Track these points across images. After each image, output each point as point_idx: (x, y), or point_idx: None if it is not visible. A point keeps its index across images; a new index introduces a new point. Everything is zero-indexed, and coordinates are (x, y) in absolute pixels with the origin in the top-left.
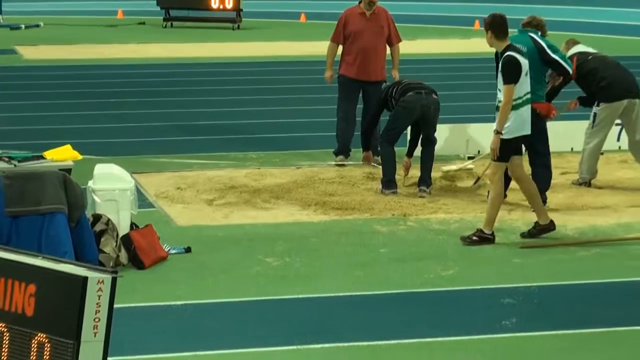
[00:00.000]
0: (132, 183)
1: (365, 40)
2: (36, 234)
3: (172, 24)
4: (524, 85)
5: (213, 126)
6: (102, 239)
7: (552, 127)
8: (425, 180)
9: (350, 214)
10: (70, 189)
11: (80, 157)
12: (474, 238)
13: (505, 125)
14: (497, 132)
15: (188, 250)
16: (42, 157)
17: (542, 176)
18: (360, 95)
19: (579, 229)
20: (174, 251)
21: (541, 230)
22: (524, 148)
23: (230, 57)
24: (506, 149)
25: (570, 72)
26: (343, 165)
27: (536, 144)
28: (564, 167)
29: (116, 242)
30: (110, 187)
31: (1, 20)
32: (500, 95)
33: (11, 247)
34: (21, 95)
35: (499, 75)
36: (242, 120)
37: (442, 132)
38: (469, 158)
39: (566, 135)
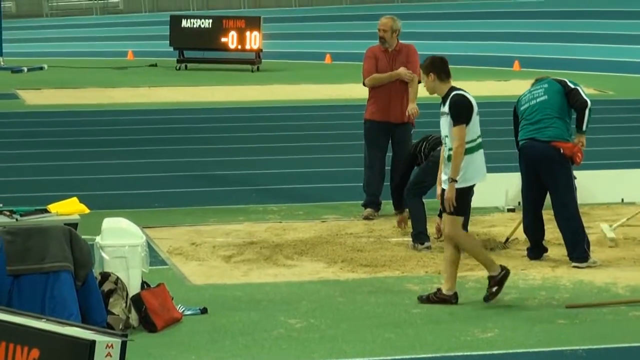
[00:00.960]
0: (143, 238)
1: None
2: (40, 294)
3: (186, 66)
4: (476, 127)
5: (230, 176)
6: (111, 299)
7: (598, 176)
8: None
9: (380, 271)
10: (76, 245)
11: (87, 210)
12: (494, 289)
13: (460, 174)
14: (452, 180)
15: (204, 311)
16: (46, 211)
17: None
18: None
19: (630, 287)
20: (188, 312)
21: (442, 298)
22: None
23: (249, 102)
24: (465, 198)
25: (589, 102)
26: (372, 218)
27: (560, 193)
28: (613, 219)
29: (126, 302)
30: (120, 242)
31: (2, 63)
32: (450, 142)
33: (13, 308)
34: (23, 143)
35: (447, 119)
36: (261, 169)
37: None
38: (509, 210)
39: (615, 185)
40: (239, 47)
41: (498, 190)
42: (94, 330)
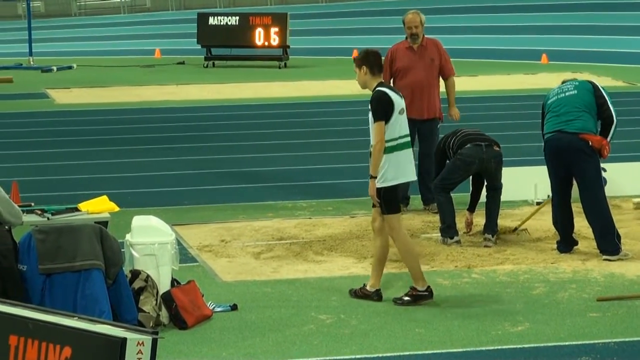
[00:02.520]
0: (173, 236)
1: (415, 75)
2: (71, 292)
3: (213, 64)
4: (399, 126)
5: (259, 173)
6: (141, 297)
7: (627, 168)
8: (490, 227)
9: None
10: (106, 244)
11: (117, 208)
12: (406, 299)
13: (381, 173)
14: (372, 177)
15: (234, 307)
16: (77, 209)
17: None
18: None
19: None
20: (218, 309)
21: (365, 294)
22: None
23: (276, 98)
24: (393, 198)
25: (615, 120)
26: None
27: (588, 185)
28: None
29: (156, 300)
30: (150, 240)
31: (32, 62)
32: (372, 139)
33: (45, 306)
34: (53, 142)
35: (370, 114)
36: (290, 166)
37: (508, 175)
38: (538, 203)
39: None
40: (266, 43)
41: (527, 183)
42: (125, 328)
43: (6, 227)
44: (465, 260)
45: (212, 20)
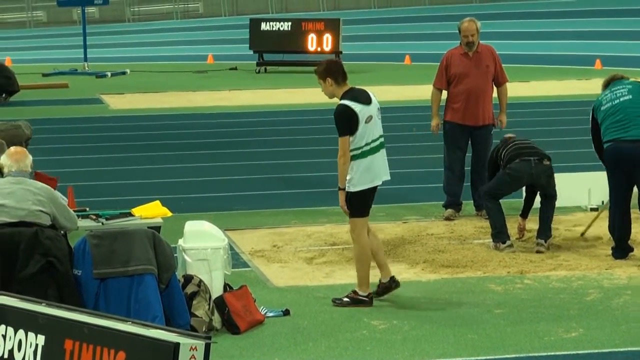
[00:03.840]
0: (225, 241)
1: (470, 82)
2: (125, 296)
3: (265, 69)
4: (367, 133)
5: (311, 178)
6: (194, 302)
7: None
8: (544, 232)
9: (461, 272)
10: (159, 249)
11: (169, 213)
12: (345, 300)
13: (348, 178)
14: (339, 189)
15: (286, 313)
16: (130, 214)
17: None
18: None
19: None
20: (271, 314)
21: (385, 288)
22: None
23: (328, 103)
24: (360, 202)
25: None
26: (453, 219)
27: None
28: None
29: (209, 304)
30: (202, 245)
31: (87, 68)
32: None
33: (99, 311)
34: (107, 147)
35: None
36: None
37: (562, 181)
38: (591, 209)
39: None
40: (318, 49)
41: (581, 189)
42: (178, 333)
43: (62, 232)
44: (517, 266)
45: (264, 26)
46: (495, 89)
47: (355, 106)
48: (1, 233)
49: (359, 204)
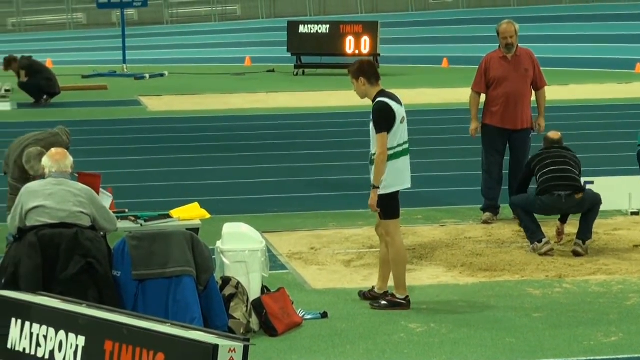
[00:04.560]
0: (263, 243)
1: (509, 85)
2: (163, 298)
3: (303, 72)
4: (400, 134)
5: (349, 181)
6: (232, 304)
7: None
8: (583, 233)
9: (499, 275)
10: (198, 250)
11: (208, 215)
12: (383, 303)
13: (381, 180)
14: (374, 187)
15: (324, 315)
16: (169, 216)
17: None
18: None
19: None
20: (308, 317)
21: (373, 296)
22: None
23: (366, 106)
24: (393, 204)
25: None
26: (491, 222)
27: None
28: None
29: (247, 307)
30: (240, 247)
31: (125, 70)
32: (373, 149)
33: (138, 312)
34: (146, 149)
35: (371, 124)
36: None
37: (602, 185)
38: (633, 213)
39: None
40: (356, 51)
41: (621, 193)
42: (217, 335)
43: (101, 233)
44: (556, 270)
45: (302, 29)
46: (533, 92)
47: (393, 105)
48: (42, 234)
49: (392, 206)
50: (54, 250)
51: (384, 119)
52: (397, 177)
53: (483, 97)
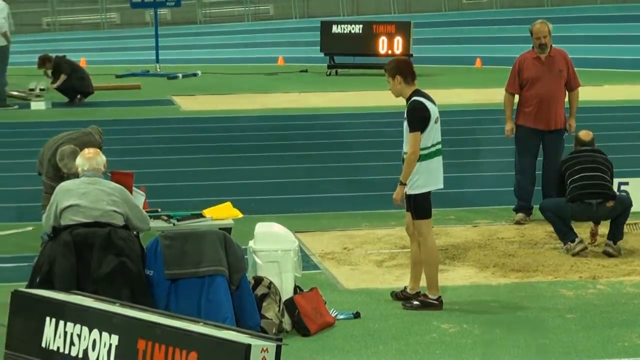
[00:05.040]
0: (296, 243)
1: (543, 86)
2: (196, 297)
3: (336, 72)
4: (433, 134)
5: (381, 181)
6: (264, 304)
7: None
8: (614, 234)
9: (532, 276)
10: (230, 250)
11: (240, 215)
12: (415, 303)
13: (413, 180)
14: (401, 184)
15: (357, 315)
16: (202, 216)
17: None
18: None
19: None
20: (341, 317)
21: (405, 296)
22: None
23: (398, 106)
24: (425, 203)
25: None
26: (523, 223)
27: None
28: None
29: (279, 306)
30: (273, 247)
31: (158, 69)
32: (406, 147)
33: (170, 311)
34: (179, 149)
35: (405, 123)
36: None
37: (635, 186)
38: None
39: None
40: (389, 52)
41: None
42: (250, 334)
43: (134, 232)
44: (589, 271)
45: (335, 29)
46: (567, 93)
47: (428, 104)
48: (76, 233)
49: (425, 206)
50: (88, 249)
51: (418, 118)
52: (430, 177)
53: (517, 97)
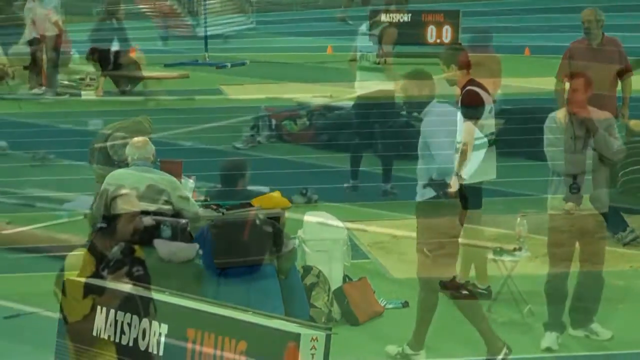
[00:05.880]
0: (345, 232)
1: (594, 75)
2: (244, 286)
3: (385, 60)
4: (487, 123)
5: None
6: (313, 293)
7: None
8: None
9: (582, 266)
10: (279, 239)
11: (289, 204)
12: (464, 293)
13: (466, 170)
14: (456, 175)
15: (405, 305)
16: (250, 205)
17: None
18: None
19: None
20: (390, 306)
21: (455, 286)
22: None
23: (446, 95)
24: (476, 194)
25: None
26: (573, 212)
27: None
28: None
29: (328, 296)
30: (322, 237)
31: (207, 58)
32: (460, 137)
33: (219, 300)
34: (227, 137)
35: (459, 113)
36: None
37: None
38: None
39: None
40: (438, 40)
41: None
42: (299, 323)
43: (183, 221)
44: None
45: (384, 17)
46: (619, 82)
47: (483, 94)
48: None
49: (476, 196)
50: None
51: (473, 107)
52: (483, 167)
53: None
